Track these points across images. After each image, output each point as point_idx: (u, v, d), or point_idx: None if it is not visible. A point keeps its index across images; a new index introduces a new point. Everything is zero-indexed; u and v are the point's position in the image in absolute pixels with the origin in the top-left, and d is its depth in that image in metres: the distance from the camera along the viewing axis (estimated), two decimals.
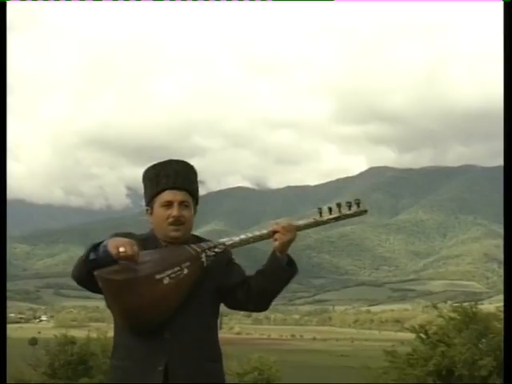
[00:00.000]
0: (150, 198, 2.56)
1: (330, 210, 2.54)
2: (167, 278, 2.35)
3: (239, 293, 2.54)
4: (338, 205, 2.54)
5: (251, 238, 2.55)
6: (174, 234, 2.51)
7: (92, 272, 2.34)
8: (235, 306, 2.60)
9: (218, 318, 2.60)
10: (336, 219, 2.56)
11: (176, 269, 2.37)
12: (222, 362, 2.56)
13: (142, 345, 2.41)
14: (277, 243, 2.48)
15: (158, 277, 2.33)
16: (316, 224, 2.58)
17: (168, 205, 2.51)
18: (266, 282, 2.51)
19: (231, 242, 2.54)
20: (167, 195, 2.52)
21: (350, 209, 2.54)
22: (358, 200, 2.54)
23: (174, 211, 2.50)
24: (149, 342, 2.41)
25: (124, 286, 2.31)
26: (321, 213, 2.55)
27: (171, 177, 2.54)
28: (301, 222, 2.56)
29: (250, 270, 2.62)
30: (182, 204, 2.52)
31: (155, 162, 2.64)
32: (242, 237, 2.56)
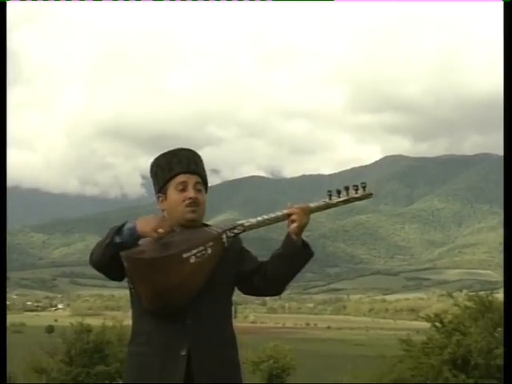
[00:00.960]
0: (163, 184, 2.58)
1: (339, 193, 2.58)
2: (193, 257, 2.35)
3: (256, 278, 2.55)
4: (346, 188, 2.58)
5: (267, 219, 2.56)
6: (190, 215, 2.52)
7: (115, 256, 2.34)
8: (252, 291, 2.61)
9: (232, 305, 2.61)
10: (344, 202, 2.61)
11: (201, 248, 2.38)
12: (237, 349, 2.57)
13: (162, 331, 2.42)
14: (294, 225, 2.49)
15: (185, 256, 2.34)
16: (327, 206, 2.60)
17: (183, 188, 2.53)
18: (284, 266, 2.52)
19: (249, 224, 2.55)
20: (182, 177, 2.55)
21: (356, 192, 2.59)
22: (363, 183, 2.59)
23: (190, 193, 2.52)
24: (170, 327, 2.41)
25: (153, 265, 2.31)
26: (330, 196, 2.59)
27: (184, 162, 2.57)
28: (313, 205, 2.58)
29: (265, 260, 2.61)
30: (196, 187, 2.55)
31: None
32: (259, 218, 2.57)
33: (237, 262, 2.56)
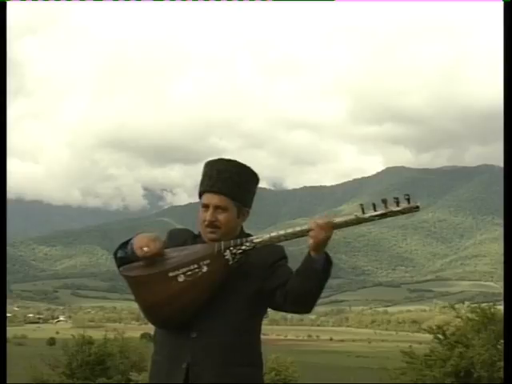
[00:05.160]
0: (199, 196, 2.57)
1: (374, 206, 2.24)
2: (182, 276, 2.34)
3: (278, 294, 2.43)
4: (384, 201, 2.23)
5: (283, 235, 2.38)
6: (210, 236, 2.49)
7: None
8: (273, 306, 2.52)
9: (255, 320, 2.51)
10: (381, 216, 2.25)
11: (193, 267, 2.35)
12: (258, 367, 2.51)
13: (170, 342, 2.46)
14: (311, 242, 2.31)
15: (171, 274, 2.34)
16: (357, 221, 2.28)
17: (205, 208, 2.50)
18: (300, 284, 2.37)
19: (259, 240, 2.40)
20: (205, 198, 2.51)
21: (398, 205, 2.22)
22: (407, 195, 2.23)
23: (208, 215, 2.48)
24: (177, 339, 2.44)
25: (139, 283, 2.37)
26: (363, 209, 2.26)
27: (212, 179, 2.51)
28: (339, 219, 2.30)
29: None
30: (218, 208, 2.48)
31: (208, 160, 2.62)
32: (273, 234, 2.40)
33: (263, 277, 2.45)
